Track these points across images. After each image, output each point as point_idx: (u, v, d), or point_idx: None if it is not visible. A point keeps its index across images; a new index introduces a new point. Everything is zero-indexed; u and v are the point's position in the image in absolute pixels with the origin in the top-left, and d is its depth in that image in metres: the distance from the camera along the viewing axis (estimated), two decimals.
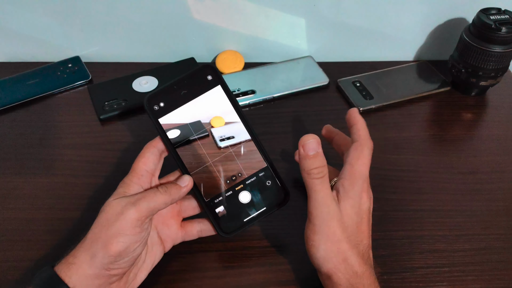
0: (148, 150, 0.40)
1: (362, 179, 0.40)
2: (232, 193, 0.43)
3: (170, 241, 0.43)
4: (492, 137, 0.59)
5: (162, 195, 0.38)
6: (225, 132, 0.43)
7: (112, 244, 0.35)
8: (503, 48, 0.58)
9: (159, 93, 0.41)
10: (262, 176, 0.43)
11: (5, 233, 0.47)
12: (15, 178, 0.52)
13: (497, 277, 0.44)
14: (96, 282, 0.35)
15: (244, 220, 0.43)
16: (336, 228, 0.38)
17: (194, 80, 0.42)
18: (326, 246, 0.38)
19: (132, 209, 0.36)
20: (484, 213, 0.50)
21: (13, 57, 0.69)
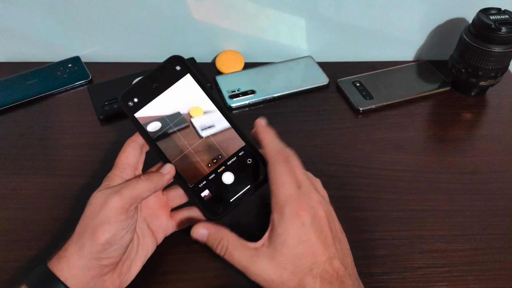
0: (129, 144, 0.41)
1: (289, 202, 0.37)
2: (215, 175, 0.43)
3: (162, 232, 0.43)
4: (492, 137, 0.59)
5: (144, 182, 0.38)
6: (205, 121, 0.43)
7: (98, 232, 0.35)
8: (503, 48, 0.58)
9: (131, 89, 0.42)
10: (242, 155, 0.44)
11: (5, 233, 0.47)
12: (15, 178, 0.52)
13: (497, 277, 0.44)
14: (88, 274, 0.35)
15: (230, 201, 0.43)
16: (272, 276, 0.36)
17: (163, 72, 0.43)
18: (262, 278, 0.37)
19: (115, 197, 0.36)
20: (484, 213, 0.50)
21: (13, 57, 0.69)
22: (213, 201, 0.43)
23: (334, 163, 0.55)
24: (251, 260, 0.38)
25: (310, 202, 0.38)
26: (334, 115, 0.62)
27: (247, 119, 0.61)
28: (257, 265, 0.37)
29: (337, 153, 0.56)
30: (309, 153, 0.56)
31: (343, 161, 0.55)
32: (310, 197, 0.38)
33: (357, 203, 0.50)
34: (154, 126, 0.42)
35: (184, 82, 0.43)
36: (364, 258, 0.45)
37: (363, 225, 0.48)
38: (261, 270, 0.37)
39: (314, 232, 0.37)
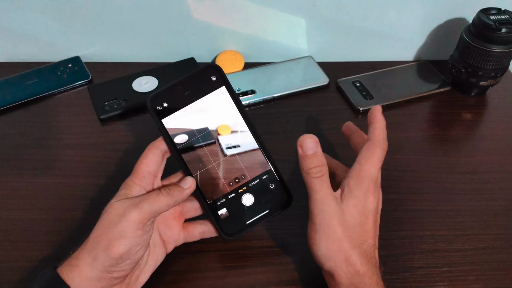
0: (151, 151, 0.40)
1: (369, 179, 0.39)
2: (235, 195, 0.42)
3: (172, 242, 0.43)
4: (492, 137, 0.59)
5: (164, 197, 0.38)
6: (231, 140, 0.42)
7: (114, 246, 0.35)
8: (503, 48, 0.58)
9: (162, 93, 0.40)
10: (266, 178, 0.43)
11: (5, 234, 0.47)
12: (15, 178, 0.52)
13: (497, 277, 0.44)
14: (98, 285, 0.35)
15: (246, 223, 0.42)
16: (337, 227, 0.37)
17: (198, 81, 0.41)
18: (326, 245, 0.38)
19: (134, 211, 0.36)
20: (484, 213, 0.50)
21: (13, 57, 0.69)
22: (229, 220, 0.42)
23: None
24: (331, 199, 0.38)
25: (378, 194, 0.41)
26: (334, 115, 0.62)
27: None
28: (332, 208, 0.38)
29: (337, 153, 0.56)
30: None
31: (343, 161, 0.55)
32: (380, 190, 0.41)
33: None
34: (181, 138, 0.41)
35: (218, 94, 0.42)
36: None
37: None
38: (333, 214, 0.38)
39: (373, 216, 0.39)
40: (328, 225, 0.37)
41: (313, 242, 0.38)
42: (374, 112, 0.43)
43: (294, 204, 0.50)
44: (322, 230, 0.38)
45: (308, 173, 0.38)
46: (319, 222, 0.38)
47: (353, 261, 0.37)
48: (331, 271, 0.38)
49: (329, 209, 0.38)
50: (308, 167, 0.38)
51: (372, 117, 0.43)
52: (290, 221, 0.48)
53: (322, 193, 0.38)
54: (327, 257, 0.38)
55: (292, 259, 0.45)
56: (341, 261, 0.37)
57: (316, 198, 0.38)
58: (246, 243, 0.46)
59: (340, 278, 0.37)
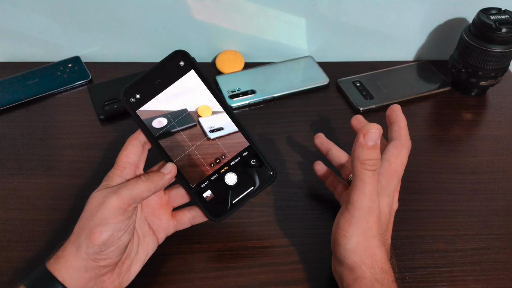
0: (130, 142, 0.41)
1: (398, 179, 0.40)
2: (217, 176, 0.42)
3: (163, 232, 0.43)
4: (492, 137, 0.59)
5: (144, 182, 0.38)
6: (213, 123, 0.43)
7: (95, 233, 0.35)
8: (503, 48, 0.58)
9: (133, 85, 0.41)
10: (246, 155, 0.43)
11: (5, 234, 0.47)
12: (15, 178, 0.52)
13: (497, 277, 0.44)
14: (86, 274, 0.35)
15: (233, 202, 0.42)
16: (373, 224, 0.37)
17: (166, 68, 0.42)
18: (358, 239, 0.37)
19: (113, 197, 0.36)
20: (484, 213, 0.50)
21: (13, 57, 0.69)
22: (215, 202, 0.42)
23: None
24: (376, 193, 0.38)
25: (396, 195, 0.42)
26: (334, 115, 0.62)
27: (247, 119, 0.61)
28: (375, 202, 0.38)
29: None
30: (309, 153, 0.56)
31: None
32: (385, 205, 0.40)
33: None
34: (157, 122, 0.42)
35: (188, 78, 0.42)
36: None
37: None
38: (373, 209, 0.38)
39: (392, 217, 0.41)
40: (366, 220, 0.37)
41: (344, 234, 0.37)
42: (396, 111, 0.43)
43: (294, 205, 0.50)
44: (358, 225, 0.37)
45: (363, 164, 0.37)
46: (359, 216, 0.37)
47: (379, 259, 0.37)
48: (354, 265, 0.37)
49: (372, 205, 0.37)
50: (364, 158, 0.36)
51: (394, 116, 0.43)
52: (289, 221, 0.48)
53: (371, 188, 0.37)
54: (355, 252, 0.37)
55: (291, 259, 0.45)
56: (368, 257, 0.37)
57: (363, 191, 0.37)
58: (246, 243, 0.46)
59: (363, 273, 0.37)
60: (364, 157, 0.36)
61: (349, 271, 0.38)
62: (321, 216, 0.49)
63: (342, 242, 0.38)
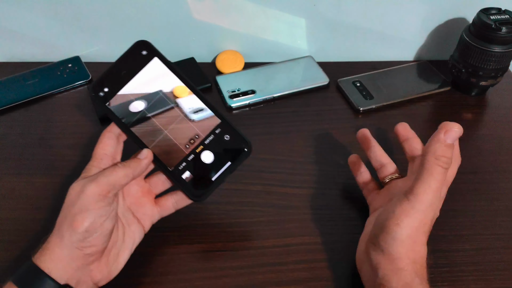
0: (104, 135, 0.41)
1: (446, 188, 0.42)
2: (194, 156, 0.43)
3: (148, 219, 0.43)
4: (492, 137, 0.59)
5: (121, 168, 0.38)
6: (194, 104, 0.43)
7: (77, 221, 0.35)
8: (503, 48, 0.58)
9: (100, 80, 0.42)
10: (219, 132, 0.43)
11: (5, 234, 0.47)
12: (15, 178, 0.52)
13: (498, 277, 0.44)
14: (73, 264, 0.35)
15: (213, 180, 0.43)
16: (429, 221, 0.37)
17: (130, 59, 0.43)
18: (411, 232, 0.37)
19: (91, 184, 0.36)
20: (485, 213, 0.50)
21: (13, 57, 0.69)
22: (195, 182, 0.43)
23: (334, 163, 0.55)
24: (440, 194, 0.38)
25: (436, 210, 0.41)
26: (334, 115, 0.62)
27: (247, 119, 0.61)
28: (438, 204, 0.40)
29: (337, 153, 0.56)
30: (309, 153, 0.56)
31: (344, 161, 0.55)
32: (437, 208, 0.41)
33: (357, 203, 0.50)
34: (134, 107, 0.42)
35: (153, 66, 0.43)
36: None
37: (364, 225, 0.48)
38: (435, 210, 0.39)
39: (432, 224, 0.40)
40: (425, 216, 0.37)
41: (397, 223, 0.37)
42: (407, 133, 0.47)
43: (294, 205, 0.50)
44: (416, 217, 0.37)
45: (437, 159, 0.36)
46: (419, 209, 0.36)
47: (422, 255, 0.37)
48: (398, 256, 0.37)
49: (434, 202, 0.37)
50: (440, 154, 0.36)
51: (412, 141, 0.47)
52: (289, 222, 0.48)
53: (438, 185, 0.36)
54: (403, 243, 0.37)
55: (291, 259, 0.45)
56: (413, 252, 0.37)
57: (431, 186, 0.36)
58: (246, 243, 0.46)
59: (406, 265, 0.36)
60: (440, 153, 0.36)
61: (389, 260, 0.37)
62: (321, 217, 0.49)
63: (393, 230, 0.37)
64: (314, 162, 0.55)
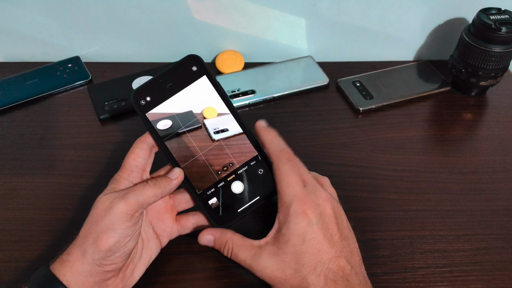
0: (138, 145, 0.40)
1: (294, 203, 0.38)
2: (224, 184, 0.42)
3: (166, 236, 0.43)
4: (492, 137, 0.59)
5: (151, 188, 0.38)
6: (218, 124, 0.43)
7: (102, 239, 0.35)
8: (503, 48, 0.58)
9: (145, 88, 0.41)
10: (254, 165, 0.43)
11: (4, 234, 0.47)
12: (15, 178, 0.52)
13: (497, 277, 0.44)
14: (90, 280, 0.35)
15: (238, 211, 0.42)
16: (276, 273, 0.38)
17: (179, 72, 0.42)
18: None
19: (120, 202, 0.36)
20: (484, 213, 0.50)
21: (13, 57, 0.69)
22: (220, 209, 0.42)
23: (334, 163, 0.55)
24: (255, 258, 0.38)
25: (317, 200, 0.38)
26: (334, 115, 0.62)
27: (247, 119, 0.61)
28: (261, 262, 0.38)
29: (337, 153, 0.56)
30: (309, 153, 0.56)
31: (343, 161, 0.55)
32: (316, 194, 0.39)
33: (357, 203, 0.50)
34: (166, 123, 0.41)
35: (200, 84, 0.42)
36: (365, 258, 0.44)
37: (364, 225, 0.48)
38: (265, 267, 0.38)
39: (320, 230, 0.37)
40: (268, 277, 0.38)
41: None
42: (257, 129, 0.43)
43: None
44: (268, 282, 0.38)
45: (226, 255, 0.41)
46: (260, 277, 0.39)
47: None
48: None
49: (258, 265, 0.38)
50: (222, 252, 0.42)
51: (258, 135, 0.43)
52: None
53: (242, 261, 0.40)
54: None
55: None
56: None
57: (244, 266, 0.40)
58: None
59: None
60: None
61: None
62: None
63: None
64: (314, 162, 0.55)
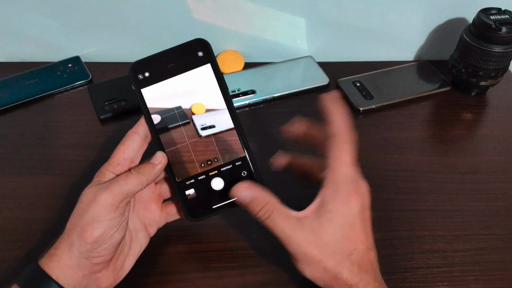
0: (129, 137, 0.39)
1: (347, 183, 0.37)
2: (205, 177, 0.41)
3: (155, 225, 0.43)
4: (492, 137, 0.59)
5: (135, 176, 0.37)
6: (206, 121, 0.41)
7: (87, 231, 0.35)
8: (503, 48, 0.58)
9: (145, 62, 0.39)
10: (239, 165, 0.41)
11: (5, 234, 0.47)
12: (15, 178, 0.52)
13: (497, 277, 0.44)
14: (79, 273, 0.35)
15: (213, 207, 0.41)
16: (313, 250, 0.36)
17: (183, 54, 0.40)
18: (310, 269, 0.37)
19: (104, 193, 0.35)
20: (484, 213, 0.50)
21: (13, 57, 0.69)
22: (196, 202, 0.41)
23: None
24: (294, 229, 0.37)
25: (363, 189, 0.38)
26: None
27: (247, 119, 0.61)
28: (300, 236, 0.36)
29: None
30: (309, 153, 0.56)
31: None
32: (363, 183, 0.38)
33: None
34: (155, 118, 0.40)
35: (202, 72, 0.40)
36: None
37: None
38: (303, 241, 0.36)
39: (360, 219, 0.37)
40: (302, 253, 0.36)
41: (297, 268, 0.38)
42: (325, 100, 0.39)
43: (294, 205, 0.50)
44: (299, 258, 0.37)
45: (258, 218, 0.37)
46: (293, 252, 0.37)
47: (344, 277, 0.36)
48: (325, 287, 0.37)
49: (297, 238, 0.36)
50: (254, 213, 0.38)
51: (326, 107, 0.39)
52: None
53: (279, 230, 0.37)
54: (316, 280, 0.37)
55: None
56: (331, 280, 0.36)
57: (278, 235, 0.37)
58: (246, 243, 0.46)
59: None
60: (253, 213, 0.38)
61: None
62: None
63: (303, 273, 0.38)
64: None
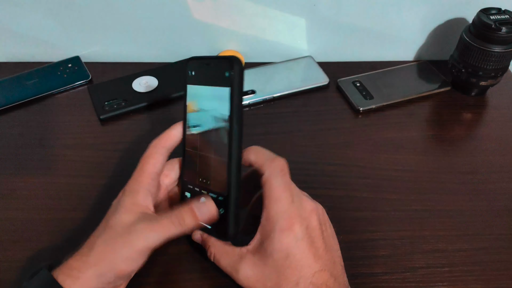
0: (157, 150, 0.38)
1: (282, 217, 0.36)
2: (198, 190, 0.41)
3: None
4: (492, 137, 0.59)
5: (175, 227, 0.36)
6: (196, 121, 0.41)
7: (121, 268, 0.35)
8: (503, 48, 0.58)
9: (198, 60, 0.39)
10: (222, 200, 0.39)
11: (4, 233, 0.47)
12: (15, 178, 0.52)
13: (497, 277, 0.44)
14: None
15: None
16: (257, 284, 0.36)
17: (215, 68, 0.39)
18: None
19: (141, 239, 0.35)
20: (484, 213, 0.50)
21: (13, 57, 0.69)
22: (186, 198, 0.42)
23: (334, 163, 0.55)
24: (236, 266, 0.37)
25: (303, 213, 0.37)
26: (334, 115, 0.62)
27: (247, 119, 0.61)
28: (242, 271, 0.37)
29: (337, 153, 0.56)
30: (309, 153, 0.56)
31: (343, 161, 0.55)
32: (303, 207, 0.37)
33: (357, 203, 0.50)
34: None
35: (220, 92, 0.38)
36: (365, 258, 0.45)
37: (364, 225, 0.48)
38: (246, 276, 0.36)
39: (305, 245, 0.36)
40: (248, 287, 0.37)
41: None
42: (245, 157, 0.39)
43: None
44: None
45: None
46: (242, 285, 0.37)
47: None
48: None
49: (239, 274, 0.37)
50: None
51: (245, 157, 0.39)
52: None
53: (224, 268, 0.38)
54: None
55: None
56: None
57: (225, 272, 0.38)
58: None
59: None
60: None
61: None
62: None
63: None
64: (314, 162, 0.55)
